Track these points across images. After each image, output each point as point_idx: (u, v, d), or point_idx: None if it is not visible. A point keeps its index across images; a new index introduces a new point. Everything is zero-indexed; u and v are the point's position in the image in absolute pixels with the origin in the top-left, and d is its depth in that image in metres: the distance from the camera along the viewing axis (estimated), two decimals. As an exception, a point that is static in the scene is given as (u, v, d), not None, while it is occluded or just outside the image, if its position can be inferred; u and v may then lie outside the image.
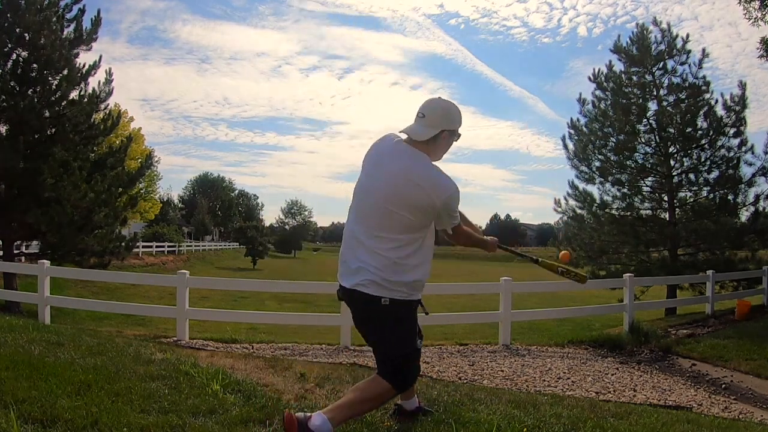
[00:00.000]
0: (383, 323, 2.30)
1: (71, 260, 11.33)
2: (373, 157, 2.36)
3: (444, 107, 2.31)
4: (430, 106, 2.30)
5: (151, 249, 29.09)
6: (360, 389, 2.29)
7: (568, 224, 14.38)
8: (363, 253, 2.26)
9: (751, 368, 6.08)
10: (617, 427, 2.92)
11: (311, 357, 5.78)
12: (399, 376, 2.28)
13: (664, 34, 12.98)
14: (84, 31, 11.71)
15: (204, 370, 3.33)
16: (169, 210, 53.29)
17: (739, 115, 12.22)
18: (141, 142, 28.22)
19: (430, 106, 2.31)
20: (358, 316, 2.42)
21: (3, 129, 11.06)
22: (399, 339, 2.30)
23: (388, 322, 2.28)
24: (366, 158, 2.38)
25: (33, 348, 3.64)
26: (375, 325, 2.35)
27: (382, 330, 2.32)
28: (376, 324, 2.34)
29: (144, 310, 8.57)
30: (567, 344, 7.28)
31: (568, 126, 13.92)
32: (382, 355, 2.34)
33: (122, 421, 2.22)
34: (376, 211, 2.26)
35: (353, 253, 2.30)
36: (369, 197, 2.30)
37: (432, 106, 2.31)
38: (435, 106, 2.30)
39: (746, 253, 12.42)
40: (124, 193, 12.60)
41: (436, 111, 2.29)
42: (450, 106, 2.33)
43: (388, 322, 2.28)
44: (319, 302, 13.90)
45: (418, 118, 2.29)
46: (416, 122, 2.30)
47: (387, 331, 2.30)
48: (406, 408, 2.69)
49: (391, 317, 2.27)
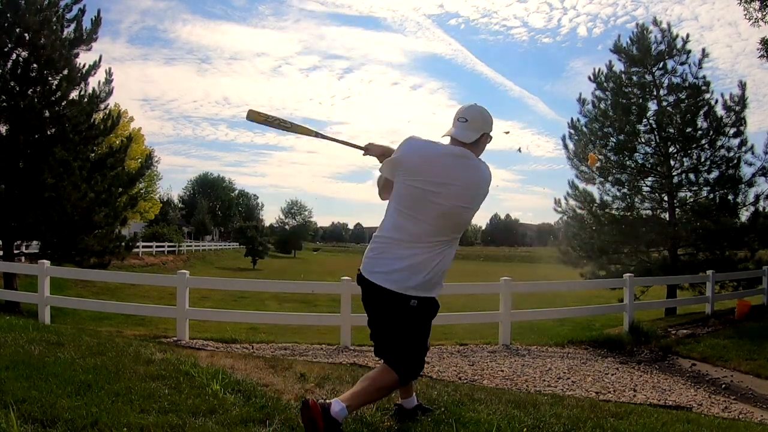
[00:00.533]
0: (415, 321, 2.41)
1: (71, 260, 11.32)
2: (436, 166, 2.35)
3: (484, 112, 2.50)
4: (471, 112, 2.47)
5: (151, 249, 29.08)
6: (371, 378, 2.36)
7: (568, 224, 14.38)
8: (412, 255, 2.34)
9: (751, 368, 6.08)
10: (617, 427, 2.92)
11: (311, 357, 5.78)
12: (414, 369, 2.44)
13: (664, 34, 12.98)
14: (84, 31, 11.70)
15: (204, 370, 3.33)
16: (169, 210, 53.24)
17: (739, 115, 12.23)
18: (141, 142, 28.20)
19: (472, 111, 2.47)
20: (384, 312, 2.43)
21: (3, 129, 11.05)
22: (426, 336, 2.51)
23: (421, 319, 2.42)
24: (421, 165, 2.35)
25: (33, 348, 3.64)
26: (404, 322, 2.40)
27: (412, 327, 2.42)
28: (405, 322, 2.39)
29: (144, 310, 8.56)
30: (567, 344, 7.28)
31: (568, 126, 13.92)
32: (401, 349, 2.39)
33: (122, 421, 2.22)
34: (444, 216, 2.35)
35: (398, 254, 2.36)
36: (437, 202, 2.33)
37: (473, 111, 2.47)
38: (476, 112, 2.48)
39: (746, 253, 12.42)
40: (124, 193, 12.59)
41: (478, 116, 2.47)
42: (487, 112, 2.53)
43: (422, 320, 2.43)
44: (319, 302, 13.90)
45: (461, 123, 2.45)
46: (459, 127, 2.45)
47: (416, 328, 2.43)
48: (406, 407, 2.71)
49: (423, 315, 2.43)
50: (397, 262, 2.33)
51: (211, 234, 63.89)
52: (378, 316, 2.47)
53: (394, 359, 2.37)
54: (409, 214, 2.36)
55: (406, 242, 2.35)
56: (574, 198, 13.75)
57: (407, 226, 2.36)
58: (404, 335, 2.39)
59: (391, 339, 2.42)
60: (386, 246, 2.40)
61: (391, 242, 2.39)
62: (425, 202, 2.33)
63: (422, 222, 2.34)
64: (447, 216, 2.35)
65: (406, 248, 2.35)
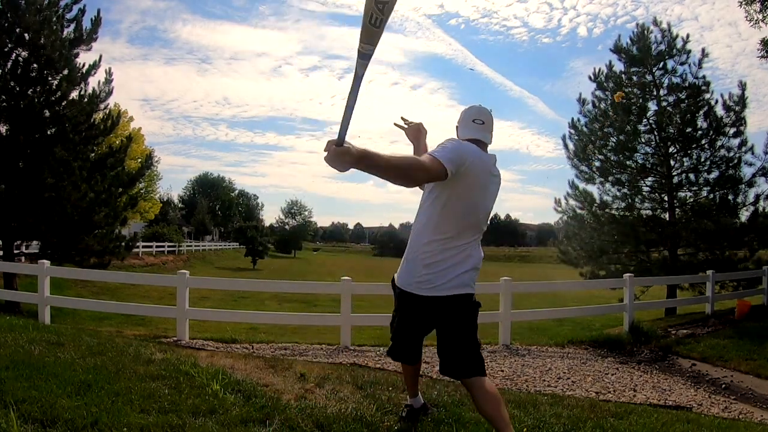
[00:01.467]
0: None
1: (71, 260, 11.32)
2: (483, 175, 2.38)
3: (491, 115, 2.57)
4: (485, 115, 2.53)
5: (151, 249, 29.07)
6: (491, 410, 2.23)
7: (568, 224, 14.38)
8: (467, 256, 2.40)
9: (751, 368, 6.08)
10: (617, 427, 2.92)
11: (311, 357, 5.77)
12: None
13: (664, 34, 12.98)
14: (84, 31, 11.70)
15: (204, 370, 3.33)
16: (169, 210, 53.24)
17: (739, 115, 12.22)
18: (141, 142, 28.19)
19: (485, 114, 2.53)
20: (455, 316, 2.40)
21: (3, 129, 11.05)
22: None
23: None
24: (478, 175, 2.34)
25: (33, 348, 3.64)
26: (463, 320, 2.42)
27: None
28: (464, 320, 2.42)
29: (144, 310, 8.56)
30: (567, 344, 7.28)
31: (569, 126, 13.93)
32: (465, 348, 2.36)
33: (122, 421, 2.22)
34: (482, 219, 2.46)
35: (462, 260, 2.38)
36: (482, 208, 2.43)
37: (486, 114, 2.54)
38: (488, 114, 2.55)
39: (746, 253, 12.42)
40: (124, 193, 12.59)
41: (490, 119, 2.55)
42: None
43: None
44: (319, 302, 13.90)
45: (479, 125, 2.49)
46: (480, 129, 2.49)
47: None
48: (415, 406, 2.75)
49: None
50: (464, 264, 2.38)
51: (211, 234, 63.88)
52: (455, 324, 2.39)
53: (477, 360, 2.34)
54: (463, 219, 2.37)
55: (466, 242, 2.40)
56: (574, 198, 13.76)
57: (465, 229, 2.38)
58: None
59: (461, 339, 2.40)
60: (452, 257, 2.36)
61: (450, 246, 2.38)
62: (473, 208, 2.38)
63: (471, 223, 2.41)
64: (484, 215, 2.46)
65: (464, 248, 2.39)
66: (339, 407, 2.83)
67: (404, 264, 2.45)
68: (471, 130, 2.48)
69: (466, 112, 2.55)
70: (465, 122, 2.51)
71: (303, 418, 2.53)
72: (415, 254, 2.38)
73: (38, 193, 10.60)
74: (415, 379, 2.83)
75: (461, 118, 2.54)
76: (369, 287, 8.17)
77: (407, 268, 2.41)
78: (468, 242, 2.38)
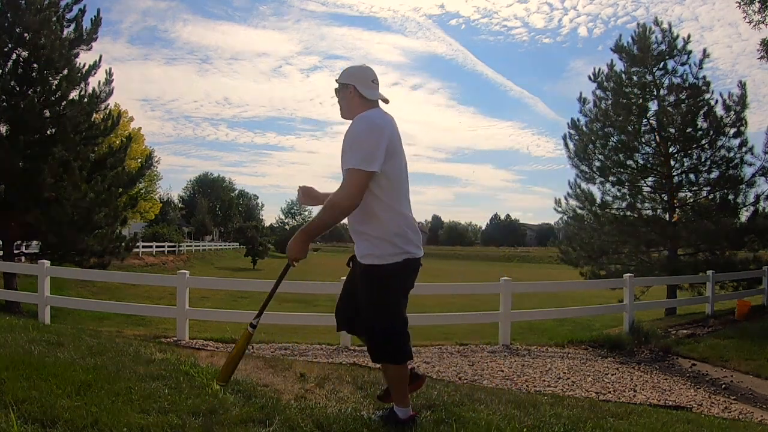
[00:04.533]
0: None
1: (71, 260, 11.32)
2: (398, 138, 2.46)
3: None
4: (375, 74, 2.57)
5: (151, 249, 29.08)
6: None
7: (568, 224, 14.39)
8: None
9: (751, 368, 6.08)
10: (617, 427, 2.92)
11: (311, 357, 5.78)
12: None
13: (665, 35, 12.99)
14: (84, 31, 11.71)
15: (204, 370, 3.33)
16: (169, 210, 53.26)
17: (739, 115, 12.24)
18: (141, 142, 28.21)
19: (374, 73, 2.57)
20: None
21: (3, 129, 11.05)
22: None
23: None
24: (393, 140, 2.40)
25: (33, 348, 3.64)
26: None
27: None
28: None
29: (144, 310, 8.57)
30: (567, 344, 7.28)
31: (569, 126, 13.95)
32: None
33: (122, 421, 2.22)
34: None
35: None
36: (406, 174, 2.53)
37: (374, 73, 2.57)
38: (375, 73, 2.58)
39: (746, 254, 12.42)
40: (124, 193, 12.60)
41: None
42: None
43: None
44: (319, 302, 13.89)
45: (376, 86, 2.52)
46: (377, 89, 2.52)
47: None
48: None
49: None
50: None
51: (211, 234, 63.89)
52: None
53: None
54: (403, 193, 2.47)
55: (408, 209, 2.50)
56: (575, 198, 13.77)
57: (406, 195, 2.49)
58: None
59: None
60: (410, 223, 2.48)
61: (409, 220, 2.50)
62: (403, 174, 2.48)
63: (406, 196, 2.50)
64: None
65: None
66: (339, 407, 2.83)
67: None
68: (374, 91, 2.50)
69: (363, 71, 2.52)
70: (365, 83, 2.48)
71: (303, 418, 2.53)
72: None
73: (38, 193, 10.60)
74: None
75: (359, 77, 2.49)
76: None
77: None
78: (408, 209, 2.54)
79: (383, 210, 2.37)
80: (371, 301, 2.41)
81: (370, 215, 2.38)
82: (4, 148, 10.41)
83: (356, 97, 2.47)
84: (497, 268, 38.67)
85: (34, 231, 11.21)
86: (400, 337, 2.41)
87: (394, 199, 2.40)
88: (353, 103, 2.47)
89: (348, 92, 2.48)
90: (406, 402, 2.55)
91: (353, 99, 2.47)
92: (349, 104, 2.49)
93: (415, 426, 2.55)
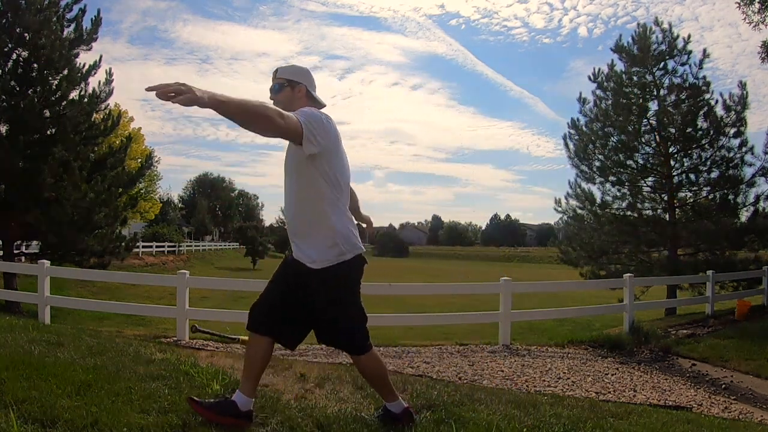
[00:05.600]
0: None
1: (71, 260, 11.33)
2: (341, 141, 2.45)
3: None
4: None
5: (151, 249, 29.08)
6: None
7: (568, 224, 14.40)
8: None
9: (751, 368, 6.08)
10: (617, 427, 2.92)
11: (311, 357, 5.77)
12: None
13: (665, 35, 12.99)
14: (84, 31, 11.71)
15: (204, 370, 3.33)
16: (169, 210, 53.23)
17: (740, 116, 12.24)
18: (141, 142, 28.19)
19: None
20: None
21: (3, 129, 11.06)
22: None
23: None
24: (339, 139, 2.41)
25: (33, 348, 3.64)
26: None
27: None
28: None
29: (144, 310, 8.57)
30: (567, 344, 7.28)
31: (569, 126, 13.96)
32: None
33: (122, 421, 2.22)
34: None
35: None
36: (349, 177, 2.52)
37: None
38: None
39: (746, 254, 12.42)
40: (124, 193, 12.60)
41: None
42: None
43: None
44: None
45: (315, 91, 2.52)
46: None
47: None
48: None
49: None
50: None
51: (211, 234, 63.88)
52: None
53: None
54: (344, 190, 2.44)
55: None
56: (575, 198, 13.77)
57: (348, 197, 2.49)
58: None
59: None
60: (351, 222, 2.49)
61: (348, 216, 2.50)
62: (346, 169, 2.47)
63: (348, 188, 2.51)
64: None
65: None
66: (339, 407, 2.84)
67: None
68: (317, 95, 2.50)
69: (310, 74, 2.50)
70: (313, 86, 2.49)
71: (303, 418, 2.53)
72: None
73: (38, 193, 10.60)
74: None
75: (309, 79, 2.48)
76: (369, 287, 8.12)
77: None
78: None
79: (333, 211, 2.36)
80: (335, 302, 2.40)
81: (320, 216, 2.35)
82: (4, 148, 10.42)
83: (304, 97, 2.44)
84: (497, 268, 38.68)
85: (34, 231, 11.21)
86: (364, 330, 2.50)
87: (342, 200, 2.41)
88: (300, 103, 2.40)
89: (297, 90, 2.43)
90: (395, 395, 2.55)
91: (301, 99, 2.43)
92: (292, 103, 2.39)
93: (413, 419, 2.55)
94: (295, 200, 2.38)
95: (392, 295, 13.72)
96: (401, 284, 10.31)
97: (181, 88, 1.74)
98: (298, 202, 2.37)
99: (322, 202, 2.33)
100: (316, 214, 2.34)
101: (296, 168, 2.33)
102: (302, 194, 2.35)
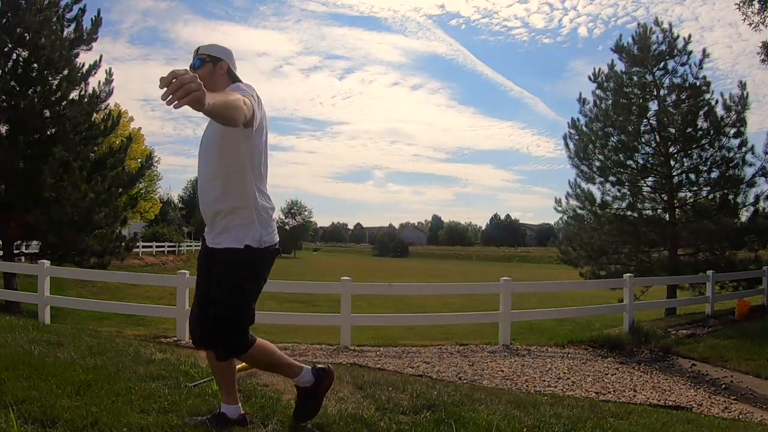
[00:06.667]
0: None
1: (71, 260, 11.32)
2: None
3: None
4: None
5: (151, 249, 29.08)
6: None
7: (568, 224, 14.39)
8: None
9: (751, 368, 6.08)
10: (617, 427, 2.92)
11: (311, 357, 5.78)
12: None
13: (665, 35, 12.99)
14: (84, 31, 11.70)
15: (204, 370, 3.33)
16: (169, 210, 53.15)
17: (740, 116, 12.24)
18: (141, 142, 28.18)
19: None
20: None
21: (3, 129, 11.05)
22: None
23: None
24: (265, 115, 2.29)
25: (33, 348, 3.63)
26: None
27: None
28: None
29: (144, 310, 8.57)
30: (567, 344, 7.28)
31: (569, 126, 13.95)
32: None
33: (122, 421, 2.22)
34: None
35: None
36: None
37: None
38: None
39: (746, 254, 12.42)
40: (124, 193, 12.59)
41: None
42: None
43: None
44: (319, 302, 13.89)
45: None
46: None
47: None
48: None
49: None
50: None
51: (211, 234, 63.66)
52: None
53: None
54: (264, 172, 2.36)
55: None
56: (575, 198, 13.77)
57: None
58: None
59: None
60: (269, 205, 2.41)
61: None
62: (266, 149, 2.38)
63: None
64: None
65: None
66: (339, 407, 2.83)
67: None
68: (238, 78, 2.40)
69: (231, 53, 2.44)
70: (233, 64, 2.41)
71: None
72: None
73: (38, 193, 10.60)
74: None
75: (230, 57, 2.42)
76: (369, 287, 8.16)
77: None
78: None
79: (256, 190, 2.25)
80: (229, 287, 2.25)
81: (243, 193, 2.22)
82: (4, 148, 10.41)
83: (225, 75, 2.37)
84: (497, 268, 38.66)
85: (34, 231, 11.20)
86: (245, 331, 2.41)
87: (263, 179, 2.32)
88: (221, 81, 2.31)
89: (218, 68, 2.33)
90: (237, 398, 2.43)
91: (222, 76, 2.34)
92: (212, 79, 2.25)
93: (247, 425, 2.38)
94: (222, 182, 2.22)
95: (392, 295, 13.74)
96: (401, 284, 10.32)
97: (191, 86, 1.54)
98: (223, 182, 2.21)
99: (246, 178, 2.21)
100: (239, 190, 2.22)
101: (223, 147, 2.20)
102: (228, 173, 2.21)
